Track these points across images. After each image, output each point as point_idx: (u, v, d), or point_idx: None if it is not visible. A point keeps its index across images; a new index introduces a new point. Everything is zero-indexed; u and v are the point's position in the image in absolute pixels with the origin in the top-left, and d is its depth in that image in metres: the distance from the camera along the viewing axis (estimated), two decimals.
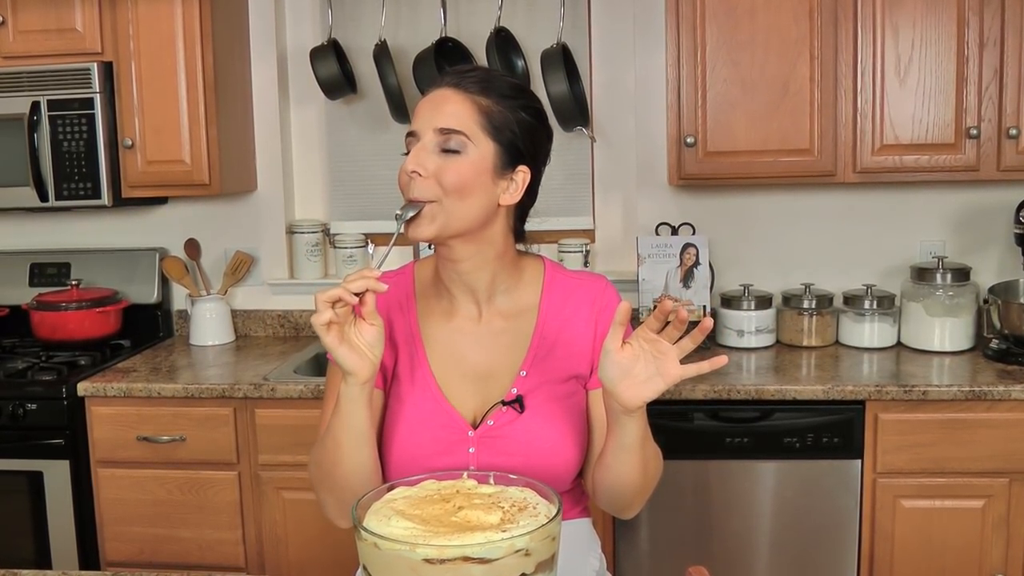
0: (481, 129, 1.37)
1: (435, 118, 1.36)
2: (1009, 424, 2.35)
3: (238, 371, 2.71)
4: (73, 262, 3.13)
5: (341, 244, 3.11)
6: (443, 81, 1.41)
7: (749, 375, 2.55)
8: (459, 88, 1.38)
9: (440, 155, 1.35)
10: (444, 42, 2.90)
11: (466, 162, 1.35)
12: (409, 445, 1.40)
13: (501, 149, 1.38)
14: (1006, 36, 2.52)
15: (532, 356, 1.44)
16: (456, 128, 1.35)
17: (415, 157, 1.35)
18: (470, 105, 1.37)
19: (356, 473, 1.34)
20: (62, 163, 2.75)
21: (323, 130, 3.18)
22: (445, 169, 1.34)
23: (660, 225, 2.94)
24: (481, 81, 1.40)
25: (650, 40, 2.93)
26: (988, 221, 2.91)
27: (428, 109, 1.38)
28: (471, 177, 1.35)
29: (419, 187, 1.34)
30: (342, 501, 1.38)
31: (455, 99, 1.38)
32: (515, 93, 1.42)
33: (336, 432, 1.32)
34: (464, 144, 1.35)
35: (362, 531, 1.03)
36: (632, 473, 1.34)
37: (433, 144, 1.35)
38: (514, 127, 1.39)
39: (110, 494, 2.62)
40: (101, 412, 2.60)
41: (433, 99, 1.39)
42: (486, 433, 1.40)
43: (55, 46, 2.76)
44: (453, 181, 1.34)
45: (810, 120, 2.62)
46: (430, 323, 1.47)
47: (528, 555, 1.00)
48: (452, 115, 1.36)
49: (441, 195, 1.34)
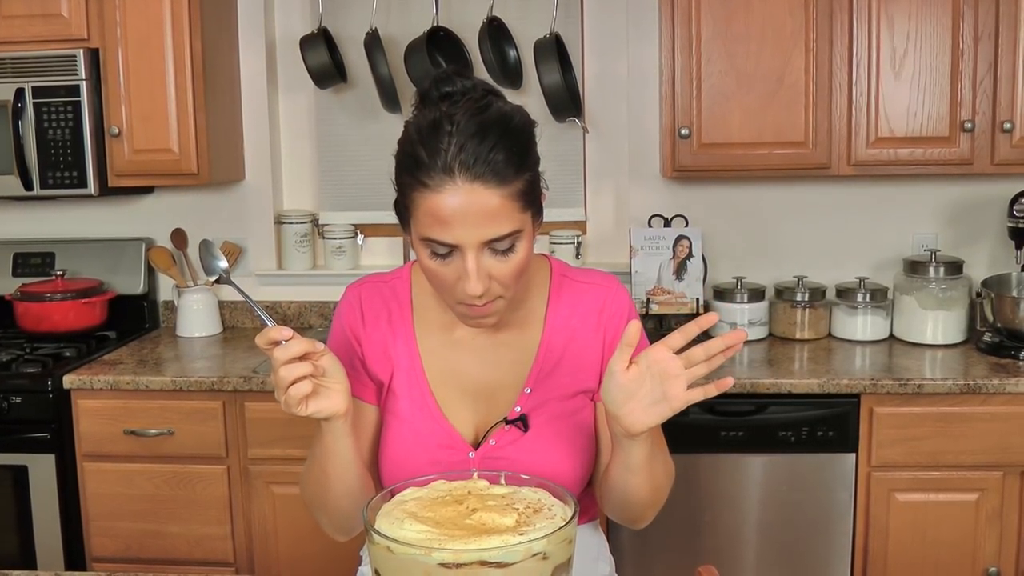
0: (521, 212, 1.23)
1: (480, 231, 1.19)
2: (1003, 418, 2.35)
3: (226, 363, 2.68)
4: (57, 252, 3.07)
5: (330, 235, 3.08)
6: (454, 172, 1.18)
7: (743, 368, 2.55)
8: (486, 184, 1.18)
9: (491, 256, 1.22)
10: (436, 31, 2.87)
11: (522, 251, 1.24)
12: (407, 465, 1.33)
13: (534, 213, 1.27)
14: (1001, 30, 2.52)
15: (537, 371, 1.37)
16: (509, 232, 1.21)
17: (478, 279, 1.21)
18: (509, 199, 1.20)
19: (346, 495, 1.30)
20: (47, 151, 2.70)
21: (312, 119, 3.14)
22: (505, 270, 1.23)
23: (653, 217, 2.93)
24: (501, 164, 1.19)
25: (643, 30, 2.91)
26: (981, 214, 2.91)
27: (463, 218, 1.18)
28: (528, 259, 1.27)
29: (488, 294, 1.24)
30: (336, 521, 1.35)
31: (492, 200, 1.19)
32: (517, 135, 1.23)
33: (322, 462, 1.28)
34: (516, 239, 1.23)
35: (374, 534, 1.00)
36: (640, 491, 1.28)
37: (481, 252, 1.21)
38: (536, 176, 1.26)
39: (96, 489, 2.59)
40: (87, 405, 2.56)
41: (463, 205, 1.18)
42: (487, 454, 1.34)
43: (40, 32, 2.70)
44: (515, 276, 1.25)
45: (805, 112, 2.61)
46: (428, 334, 1.39)
47: (545, 559, 0.98)
48: (500, 221, 1.20)
49: (504, 292, 1.26)
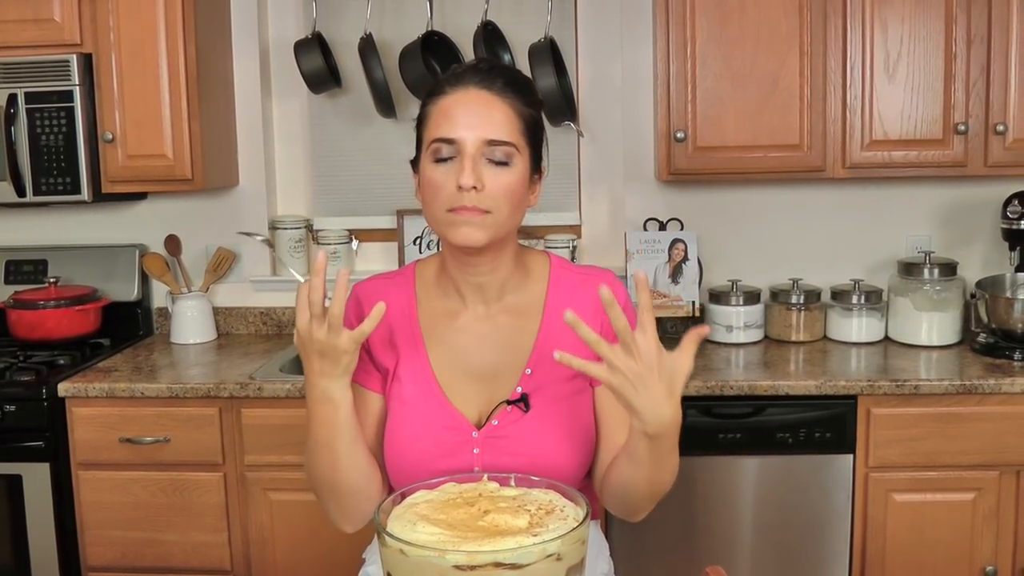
0: (522, 137, 1.34)
1: (483, 128, 1.31)
2: (999, 418, 2.37)
3: (222, 370, 2.66)
4: (50, 259, 3.05)
5: (324, 240, 3.07)
6: (468, 79, 1.34)
7: (740, 371, 2.55)
8: (494, 91, 1.33)
9: (487, 165, 1.31)
10: (431, 36, 2.87)
11: (515, 174, 1.34)
12: (412, 447, 1.37)
13: (532, 154, 1.37)
14: (993, 33, 2.54)
15: (537, 354, 1.41)
16: (507, 140, 1.32)
17: (472, 171, 1.29)
18: (513, 113, 1.33)
19: (356, 469, 1.34)
20: (40, 157, 2.68)
21: (306, 125, 3.13)
22: (497, 182, 1.32)
23: (648, 220, 2.93)
24: (513, 83, 1.36)
25: (636, 34, 2.92)
26: (973, 216, 2.93)
27: (469, 115, 1.32)
28: (520, 189, 1.35)
29: (477, 199, 1.30)
30: (346, 504, 1.37)
31: (499, 106, 1.33)
32: (534, 92, 1.39)
33: (328, 441, 1.32)
34: (512, 155, 1.33)
35: (386, 537, 1.00)
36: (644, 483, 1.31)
37: (479, 154, 1.31)
38: (542, 131, 1.37)
39: (91, 497, 2.56)
40: (82, 413, 2.54)
41: (471, 104, 1.33)
42: (491, 433, 1.38)
43: (32, 37, 2.68)
44: (506, 194, 1.32)
45: (800, 116, 2.62)
46: (432, 323, 1.44)
47: (559, 559, 0.98)
48: (501, 125, 1.32)
49: (493, 207, 1.31)
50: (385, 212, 3.12)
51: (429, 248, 3.05)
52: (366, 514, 1.39)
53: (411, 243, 3.06)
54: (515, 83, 1.36)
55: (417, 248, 3.06)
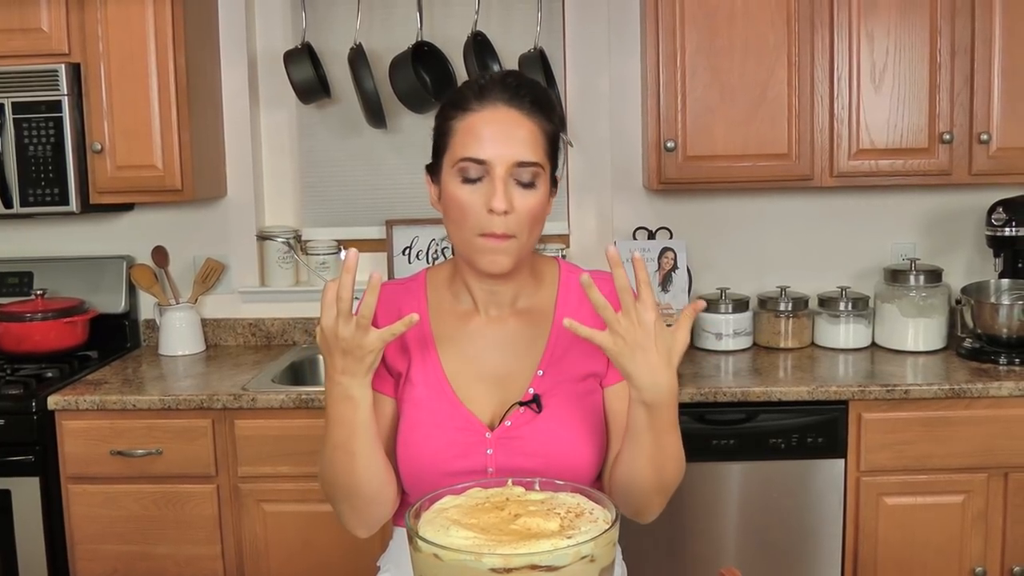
0: (546, 155, 1.36)
1: (512, 149, 1.32)
2: (987, 421, 2.41)
3: (213, 381, 2.65)
4: (36, 271, 3.02)
5: (313, 251, 3.06)
6: (496, 96, 1.35)
7: (731, 378, 2.57)
8: (523, 111, 1.34)
9: (515, 187, 1.32)
10: (421, 46, 2.88)
11: (540, 195, 1.35)
12: (425, 448, 1.38)
13: (553, 170, 1.38)
14: (976, 44, 2.60)
15: (549, 355, 1.43)
16: (534, 161, 1.33)
17: (504, 195, 1.30)
18: (539, 131, 1.35)
19: (375, 472, 1.34)
20: (28, 168, 2.65)
21: (294, 135, 3.12)
22: (525, 204, 1.33)
23: (637, 229, 2.95)
24: (539, 101, 1.36)
25: (624, 45, 2.95)
26: (958, 224, 2.98)
27: (498, 136, 1.32)
28: (544, 209, 1.36)
29: (506, 224, 1.31)
30: (362, 509, 1.38)
31: (527, 126, 1.34)
32: (557, 108, 1.40)
33: (346, 444, 1.32)
34: (538, 176, 1.34)
35: (420, 542, 1.00)
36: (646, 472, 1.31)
37: (508, 175, 1.32)
38: (558, 141, 1.38)
39: (82, 511, 2.53)
40: (72, 426, 2.51)
41: (501, 123, 1.33)
42: (504, 434, 1.39)
43: (19, 46, 2.66)
44: (531, 216, 1.33)
45: (788, 125, 2.66)
46: (444, 326, 1.45)
47: (593, 561, 0.99)
48: (529, 146, 1.33)
49: (518, 230, 1.33)
50: (374, 223, 3.12)
51: (419, 259, 3.05)
52: (380, 518, 1.40)
53: (400, 253, 3.06)
54: (541, 101, 1.37)
55: (406, 258, 3.06)
